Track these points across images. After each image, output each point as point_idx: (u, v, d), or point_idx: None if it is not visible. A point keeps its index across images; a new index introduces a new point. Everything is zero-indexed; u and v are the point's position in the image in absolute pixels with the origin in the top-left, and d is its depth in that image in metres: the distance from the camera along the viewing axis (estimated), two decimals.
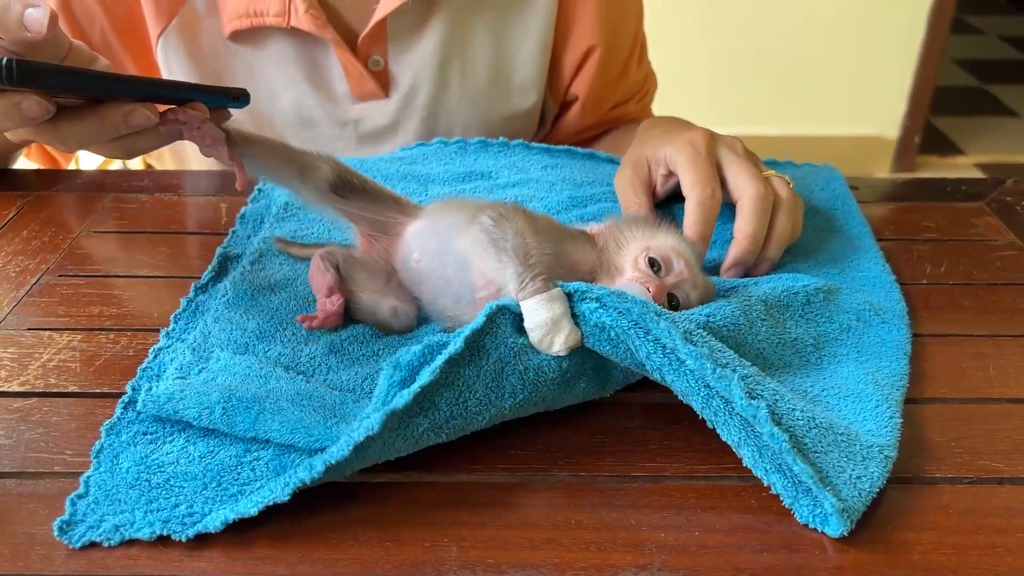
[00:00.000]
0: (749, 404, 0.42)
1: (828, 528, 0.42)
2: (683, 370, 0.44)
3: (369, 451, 0.43)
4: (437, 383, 0.44)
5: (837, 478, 0.43)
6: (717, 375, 0.43)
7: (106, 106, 0.48)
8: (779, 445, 0.42)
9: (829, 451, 0.44)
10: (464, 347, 0.45)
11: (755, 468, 0.44)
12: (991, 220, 0.72)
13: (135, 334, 0.56)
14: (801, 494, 0.43)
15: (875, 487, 0.43)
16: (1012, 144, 2.97)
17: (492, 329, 0.46)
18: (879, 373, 0.51)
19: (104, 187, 0.76)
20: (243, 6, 0.78)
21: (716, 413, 0.44)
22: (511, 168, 0.76)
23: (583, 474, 0.46)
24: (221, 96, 0.53)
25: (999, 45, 3.84)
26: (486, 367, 0.46)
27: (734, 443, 0.44)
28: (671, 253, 0.52)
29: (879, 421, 0.47)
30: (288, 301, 0.57)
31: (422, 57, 0.82)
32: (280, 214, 0.68)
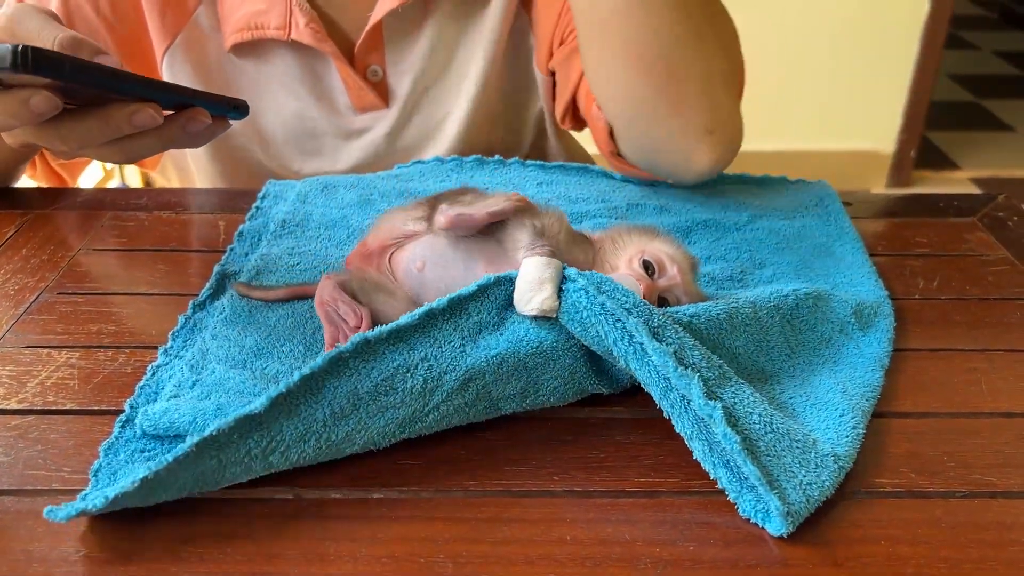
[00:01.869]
0: (706, 404, 0.44)
1: (769, 526, 0.43)
2: (646, 360, 0.46)
3: (343, 375, 0.46)
4: (413, 326, 0.48)
5: (787, 482, 0.44)
6: (678, 373, 0.45)
7: (110, 106, 0.49)
8: (731, 446, 0.43)
9: (783, 456, 0.45)
10: (447, 304, 0.49)
11: (704, 461, 0.46)
12: (983, 235, 0.72)
13: (133, 351, 0.56)
14: (746, 490, 0.44)
15: (824, 494, 0.44)
16: (1007, 158, 2.98)
17: (479, 298, 0.50)
18: (850, 383, 0.52)
19: (103, 205, 0.76)
20: (244, 19, 0.79)
21: (672, 406, 0.46)
22: (506, 185, 0.77)
23: (578, 489, 0.46)
24: (222, 105, 0.54)
25: (994, 60, 3.86)
26: (464, 324, 0.49)
27: (686, 435, 0.46)
28: (665, 258, 0.54)
29: (841, 430, 0.48)
30: (285, 318, 0.58)
31: (418, 63, 0.84)
32: (277, 231, 0.69)
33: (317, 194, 0.75)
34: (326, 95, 0.84)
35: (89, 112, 0.48)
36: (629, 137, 0.74)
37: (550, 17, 0.82)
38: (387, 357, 0.47)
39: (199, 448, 0.43)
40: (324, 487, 0.46)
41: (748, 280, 0.63)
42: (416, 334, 0.48)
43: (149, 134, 0.50)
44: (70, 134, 0.49)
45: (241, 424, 0.44)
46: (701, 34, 0.68)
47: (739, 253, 0.67)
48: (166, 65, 0.81)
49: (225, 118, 0.54)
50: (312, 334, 0.56)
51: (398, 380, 0.47)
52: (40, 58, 0.42)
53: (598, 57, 0.70)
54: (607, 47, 0.69)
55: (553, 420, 0.51)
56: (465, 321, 0.50)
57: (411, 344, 0.48)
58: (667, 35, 0.67)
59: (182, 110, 0.51)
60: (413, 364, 0.47)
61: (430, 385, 0.47)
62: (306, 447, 0.45)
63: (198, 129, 0.51)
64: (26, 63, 0.42)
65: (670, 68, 0.67)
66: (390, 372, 0.47)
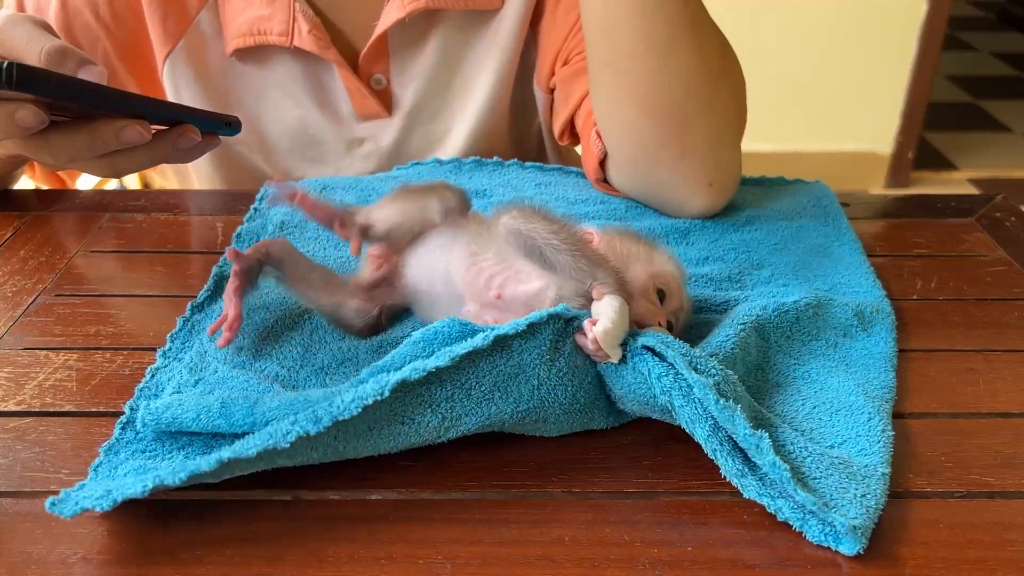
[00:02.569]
0: (751, 434, 0.43)
1: (842, 547, 0.42)
2: (692, 396, 0.45)
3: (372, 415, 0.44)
4: (450, 367, 0.45)
5: (841, 498, 0.43)
6: (720, 406, 0.44)
7: (98, 121, 0.49)
8: (780, 475, 0.42)
9: (829, 475, 0.44)
10: (492, 342, 0.45)
11: (760, 497, 0.44)
12: (981, 236, 0.73)
13: (131, 353, 0.56)
14: (809, 516, 0.43)
15: (880, 503, 0.44)
16: (1005, 159, 2.99)
17: (528, 335, 0.46)
18: (868, 385, 0.52)
19: (101, 207, 0.76)
20: (247, 25, 0.79)
21: (721, 443, 0.45)
22: (505, 186, 0.77)
23: (576, 490, 0.46)
24: (214, 121, 0.54)
25: (991, 61, 3.87)
26: (501, 367, 0.46)
27: (737, 474, 0.44)
28: (672, 282, 0.53)
29: (871, 437, 0.47)
30: (283, 320, 0.57)
31: (423, 74, 0.83)
32: (276, 233, 0.69)
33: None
34: (329, 102, 0.84)
35: (77, 127, 0.48)
36: (625, 172, 0.73)
37: (556, 37, 0.81)
38: (413, 391, 0.45)
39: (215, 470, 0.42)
40: (323, 488, 0.46)
41: (746, 281, 0.63)
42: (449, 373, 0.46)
43: (138, 150, 0.50)
44: (57, 148, 0.49)
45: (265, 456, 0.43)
46: (714, 86, 0.67)
47: (737, 254, 0.67)
48: (167, 71, 0.81)
49: (216, 134, 0.54)
50: (310, 336, 0.56)
51: (417, 414, 0.45)
52: (25, 75, 0.42)
53: (606, 95, 0.70)
54: (616, 87, 0.68)
55: None
56: (503, 363, 0.46)
57: (442, 381, 0.46)
58: (681, 87, 0.66)
59: (172, 126, 0.51)
60: (437, 402, 0.46)
61: (447, 424, 0.46)
62: (312, 453, 0.45)
63: (187, 146, 0.51)
64: (11, 80, 0.42)
65: (680, 120, 0.67)
66: (412, 405, 0.45)
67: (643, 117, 0.67)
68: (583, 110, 0.78)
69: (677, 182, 0.70)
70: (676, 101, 0.66)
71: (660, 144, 0.68)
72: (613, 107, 0.70)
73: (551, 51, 0.81)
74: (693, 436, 0.46)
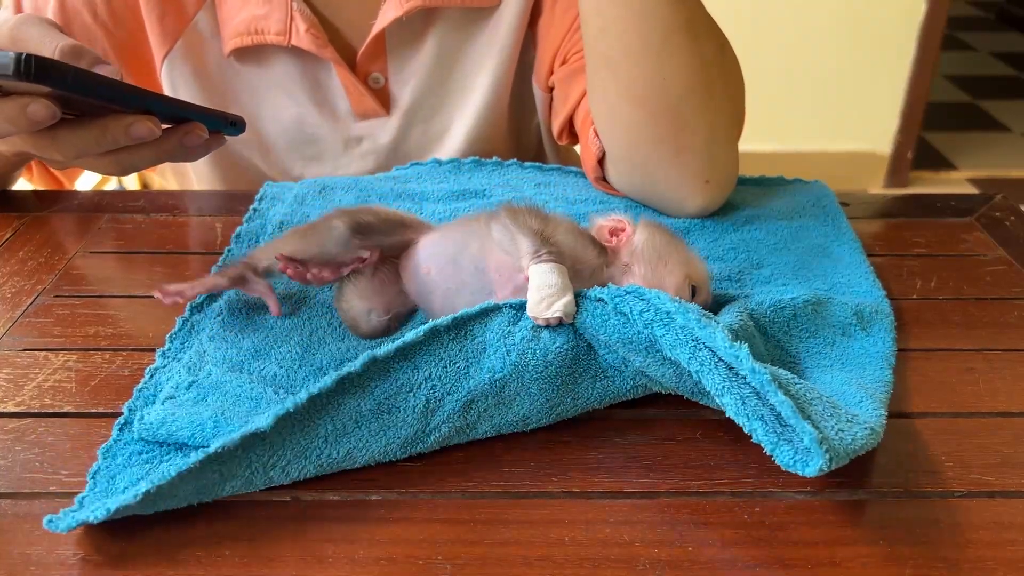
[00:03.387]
0: (731, 346, 0.44)
1: (807, 468, 0.42)
2: (672, 325, 0.47)
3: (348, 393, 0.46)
4: (418, 343, 0.48)
5: (820, 422, 0.43)
6: (702, 325, 0.46)
7: (108, 117, 0.49)
8: (760, 379, 0.43)
9: (814, 404, 0.44)
10: (451, 321, 0.49)
11: (737, 416, 0.45)
12: (980, 235, 0.73)
13: (131, 354, 0.56)
14: (783, 441, 0.43)
15: (856, 444, 0.43)
16: (1004, 159, 2.99)
17: (483, 319, 0.49)
18: (864, 379, 0.52)
19: (100, 207, 0.76)
20: (244, 24, 0.79)
21: (702, 363, 0.46)
22: (505, 186, 0.77)
23: (576, 490, 0.46)
24: (219, 120, 0.54)
25: (990, 61, 3.87)
26: (469, 345, 0.49)
27: (717, 391, 0.45)
28: (703, 281, 0.54)
29: (863, 409, 0.47)
30: (282, 320, 0.57)
31: (421, 72, 0.83)
32: (275, 233, 0.68)
33: (315, 196, 0.75)
34: (327, 101, 0.84)
35: (86, 122, 0.48)
36: (623, 170, 0.73)
37: (554, 35, 0.81)
38: (392, 375, 0.47)
39: (202, 464, 0.43)
40: (322, 489, 0.46)
41: (746, 280, 0.63)
42: (421, 352, 0.48)
43: (145, 147, 0.50)
44: (66, 143, 0.49)
45: (246, 441, 0.44)
46: (711, 86, 0.67)
47: (737, 253, 0.67)
48: (165, 71, 0.81)
49: (221, 133, 0.54)
50: (309, 336, 0.56)
51: (400, 399, 0.47)
52: (43, 67, 0.42)
53: (603, 92, 0.70)
54: (613, 85, 0.68)
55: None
56: (469, 342, 0.49)
57: (416, 363, 0.48)
58: (678, 86, 0.66)
59: (180, 124, 0.51)
60: (416, 383, 0.47)
61: (431, 406, 0.47)
62: (307, 463, 0.45)
63: (195, 144, 0.51)
64: (29, 71, 0.42)
65: (676, 118, 0.67)
66: (394, 390, 0.47)
67: (640, 115, 0.67)
68: (582, 109, 0.78)
69: (674, 179, 0.70)
70: (673, 99, 0.66)
71: (657, 141, 0.68)
72: (610, 105, 0.70)
73: (549, 50, 0.81)
74: (677, 361, 0.47)
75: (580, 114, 0.78)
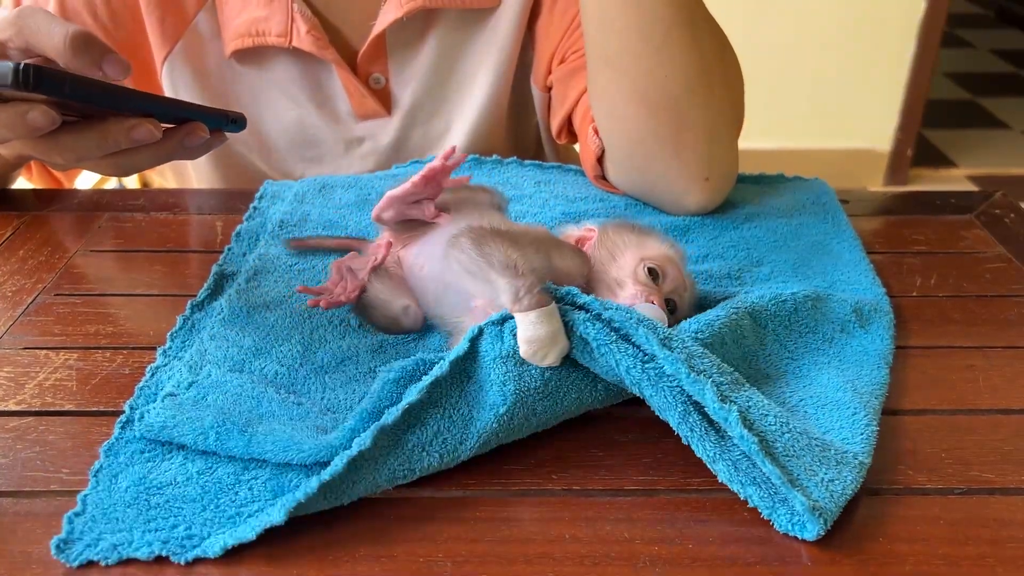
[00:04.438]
0: (720, 408, 0.44)
1: (805, 532, 0.42)
2: (661, 384, 0.46)
3: (362, 470, 0.44)
4: (423, 402, 0.46)
5: (808, 480, 0.43)
6: (691, 379, 0.45)
7: (108, 120, 0.49)
8: (748, 447, 0.43)
9: (801, 455, 0.44)
10: (449, 370, 0.47)
11: (731, 483, 0.45)
12: (980, 233, 0.73)
13: (131, 352, 0.56)
14: (778, 503, 0.43)
15: (848, 490, 0.44)
16: (1003, 156, 2.99)
17: (474, 355, 0.48)
18: (859, 381, 0.52)
19: (100, 206, 0.76)
20: (245, 26, 0.79)
21: (692, 430, 0.45)
22: (505, 185, 0.77)
23: (576, 488, 0.46)
24: (220, 118, 0.54)
25: (990, 58, 3.87)
26: (469, 388, 0.48)
27: (709, 459, 0.45)
28: (666, 262, 0.54)
29: (855, 428, 0.48)
30: (283, 318, 0.57)
31: (421, 73, 0.83)
32: (275, 231, 0.69)
33: (315, 194, 0.75)
34: (327, 102, 0.84)
35: (87, 126, 0.48)
36: (622, 168, 0.73)
37: (553, 35, 0.81)
38: (403, 441, 0.46)
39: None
40: None
41: (745, 278, 0.63)
42: (428, 409, 0.47)
43: (147, 148, 0.50)
44: (67, 148, 0.49)
45: None
46: (711, 82, 0.67)
47: (736, 251, 0.67)
48: (166, 72, 0.81)
49: (222, 131, 0.54)
50: (310, 334, 0.56)
51: (415, 461, 0.46)
52: (41, 76, 0.42)
53: (604, 89, 0.70)
54: (613, 82, 0.68)
55: None
56: (468, 385, 0.48)
57: (424, 421, 0.47)
58: (677, 82, 0.66)
59: (180, 124, 0.51)
60: (428, 442, 0.46)
61: (447, 460, 0.46)
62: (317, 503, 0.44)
63: (196, 144, 0.51)
64: (27, 81, 0.42)
65: (676, 115, 0.67)
66: (406, 455, 0.46)
67: (640, 112, 0.68)
68: (580, 108, 0.78)
69: (673, 177, 0.70)
70: (673, 96, 0.66)
71: (656, 139, 0.68)
72: (610, 102, 0.70)
73: (548, 49, 0.81)
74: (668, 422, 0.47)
75: (579, 113, 0.78)
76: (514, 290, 0.48)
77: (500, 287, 0.48)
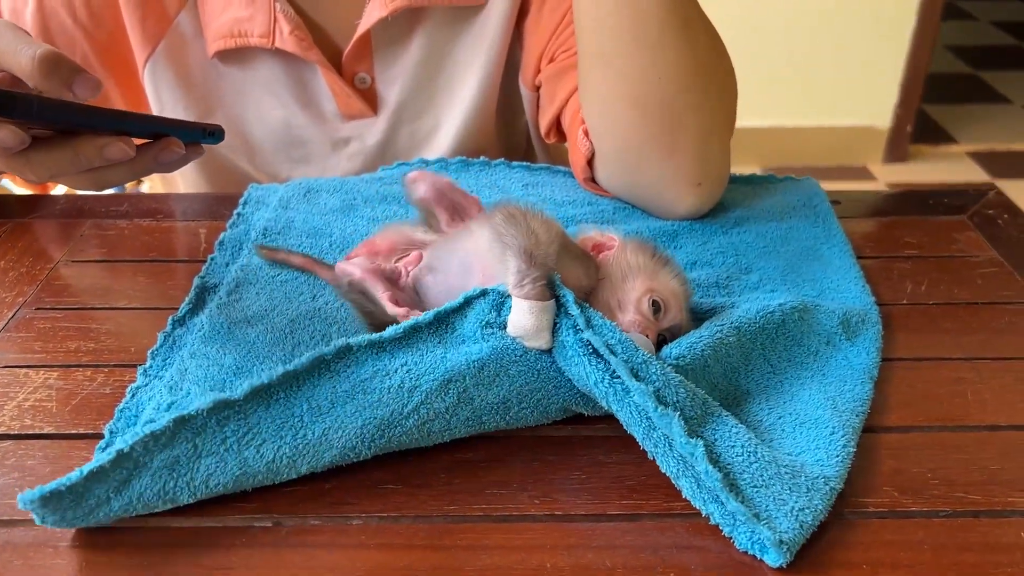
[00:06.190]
0: (687, 443, 0.44)
1: (767, 557, 0.42)
2: (628, 401, 0.47)
3: (326, 377, 0.48)
4: (396, 338, 0.49)
5: (777, 511, 0.43)
6: (659, 413, 0.45)
7: (81, 138, 0.48)
8: (712, 483, 0.43)
9: (770, 484, 0.45)
10: (432, 318, 0.50)
11: (693, 499, 0.45)
12: (972, 235, 0.72)
13: (112, 370, 0.56)
14: (740, 523, 0.43)
15: (818, 518, 0.44)
16: (1005, 132, 2.96)
17: (464, 310, 0.51)
18: (840, 398, 0.52)
19: (83, 213, 0.75)
20: (227, 27, 0.77)
21: (656, 446, 0.47)
22: (492, 187, 0.76)
23: (559, 513, 0.46)
24: (195, 131, 0.53)
25: (992, 31, 3.83)
26: (448, 336, 0.50)
27: (672, 475, 0.46)
28: (671, 298, 0.53)
29: (831, 450, 0.48)
30: (264, 334, 0.57)
31: (408, 72, 0.82)
32: (258, 240, 0.68)
33: (299, 199, 0.74)
34: (313, 102, 0.83)
35: (59, 143, 0.48)
36: (613, 171, 0.72)
37: (542, 34, 0.80)
38: (367, 363, 0.49)
39: (176, 426, 0.44)
40: (303, 514, 0.46)
41: (733, 287, 0.63)
42: (399, 345, 0.49)
43: (121, 165, 0.50)
44: (39, 164, 0.48)
45: (219, 407, 0.45)
46: (705, 84, 0.66)
47: (725, 258, 0.66)
48: (148, 73, 0.80)
49: (199, 144, 0.53)
50: (291, 351, 0.55)
51: (376, 381, 0.48)
52: (7, 101, 0.42)
53: (596, 90, 0.68)
54: (605, 83, 0.67)
55: (536, 438, 0.51)
56: (449, 335, 0.50)
57: (392, 352, 0.49)
58: (671, 83, 0.65)
59: (155, 139, 0.51)
60: (392, 368, 0.48)
61: (408, 385, 0.48)
62: (282, 444, 0.46)
63: (171, 160, 0.51)
64: None
65: (669, 117, 0.66)
66: (369, 374, 0.48)
67: (632, 114, 0.66)
68: (569, 108, 0.76)
69: (665, 181, 0.69)
70: (665, 98, 0.65)
71: (648, 142, 0.67)
72: (602, 104, 0.68)
73: (536, 48, 0.80)
74: None
75: (568, 113, 0.77)
76: (520, 275, 0.49)
77: (510, 267, 0.50)
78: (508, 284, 0.50)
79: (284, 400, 0.47)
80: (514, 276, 0.50)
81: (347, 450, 0.47)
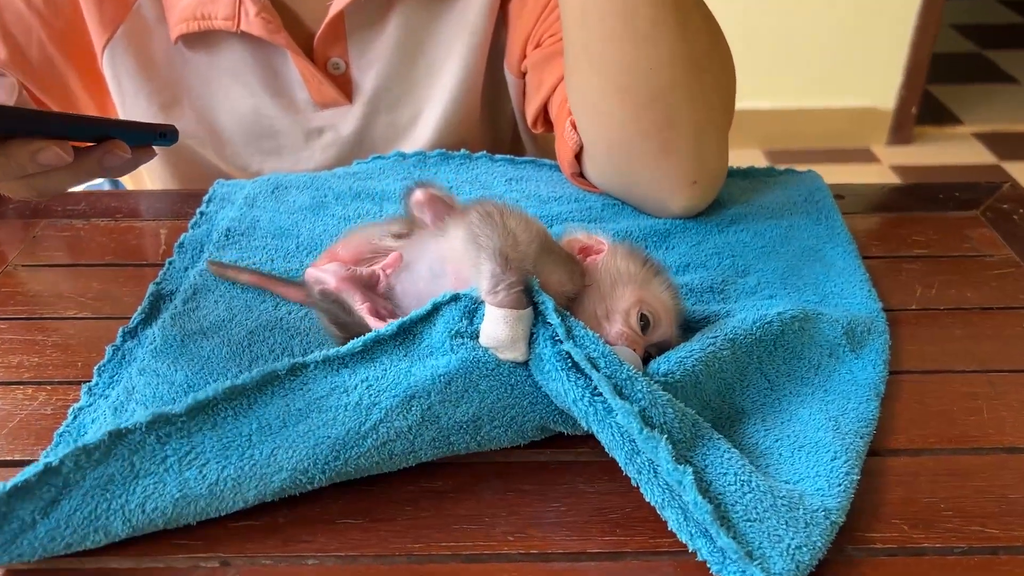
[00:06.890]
0: (675, 469, 0.40)
1: None
2: (610, 421, 0.42)
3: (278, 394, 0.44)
4: (356, 352, 0.45)
5: (771, 548, 0.39)
6: (644, 436, 0.41)
7: (11, 143, 0.44)
8: (702, 516, 0.39)
9: (765, 518, 0.40)
10: (396, 329, 0.46)
11: (679, 532, 0.41)
12: (986, 232, 0.67)
13: (55, 388, 0.52)
14: (729, 561, 0.39)
15: (816, 557, 0.40)
16: (1011, 112, 2.90)
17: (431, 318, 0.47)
18: (843, 418, 0.47)
19: (38, 212, 0.71)
20: (190, 9, 0.72)
21: (640, 472, 0.42)
22: (474, 183, 0.71)
23: (535, 552, 0.42)
24: (146, 133, 0.49)
25: (998, 9, 3.76)
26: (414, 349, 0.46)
27: (657, 504, 0.42)
28: (662, 312, 0.49)
29: (832, 478, 0.43)
30: (220, 348, 0.53)
31: (384, 57, 0.77)
32: (221, 241, 0.63)
33: (267, 197, 0.69)
34: (284, 90, 0.78)
35: None
36: (602, 167, 0.68)
37: (528, 17, 0.74)
38: (324, 379, 0.45)
39: (111, 440, 0.40)
40: (253, 553, 0.42)
41: (729, 291, 0.58)
42: (359, 360, 0.46)
43: (61, 170, 0.45)
44: None
45: (159, 422, 0.41)
46: (701, 76, 0.61)
47: (721, 259, 0.61)
48: (107, 59, 0.75)
49: (150, 146, 0.49)
50: (248, 366, 0.51)
51: (333, 399, 0.44)
52: None
53: (583, 82, 0.63)
54: (594, 75, 0.62)
55: (510, 464, 0.47)
56: (416, 346, 0.46)
57: (352, 368, 0.45)
58: (664, 76, 0.59)
59: (101, 142, 0.46)
60: (352, 385, 0.45)
61: (367, 402, 0.44)
62: (227, 464, 0.42)
63: (115, 164, 0.47)
64: None
65: (662, 111, 0.61)
66: (325, 392, 0.44)
67: (622, 108, 0.62)
68: (557, 97, 0.72)
69: (658, 179, 0.64)
70: (659, 91, 0.60)
71: (640, 138, 0.62)
72: (590, 96, 0.64)
73: (522, 32, 0.75)
74: None
75: (555, 102, 0.72)
76: (495, 280, 0.45)
77: (483, 271, 0.46)
78: (481, 290, 0.46)
79: (231, 418, 0.43)
80: (488, 281, 0.45)
81: (298, 473, 0.42)
